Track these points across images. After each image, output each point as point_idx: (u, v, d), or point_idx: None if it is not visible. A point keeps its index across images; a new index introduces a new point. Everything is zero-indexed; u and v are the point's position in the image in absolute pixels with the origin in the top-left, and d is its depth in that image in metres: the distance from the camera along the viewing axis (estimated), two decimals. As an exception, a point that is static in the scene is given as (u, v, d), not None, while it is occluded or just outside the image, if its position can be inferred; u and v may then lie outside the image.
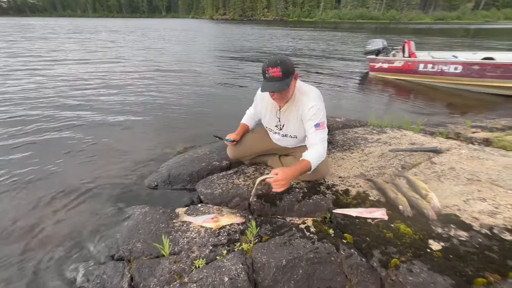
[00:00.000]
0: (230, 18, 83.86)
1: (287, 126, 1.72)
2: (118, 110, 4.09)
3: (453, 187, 1.56)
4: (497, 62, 4.73)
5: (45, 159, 2.65)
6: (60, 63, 7.95)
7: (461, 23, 54.01)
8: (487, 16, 64.09)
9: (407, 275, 1.10)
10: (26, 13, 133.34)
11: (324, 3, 73.84)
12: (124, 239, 1.56)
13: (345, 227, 1.40)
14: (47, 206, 2.01)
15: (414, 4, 68.97)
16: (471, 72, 4.95)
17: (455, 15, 65.04)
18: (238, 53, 10.94)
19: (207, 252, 1.37)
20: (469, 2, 68.76)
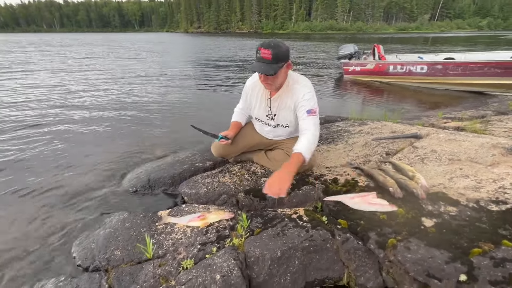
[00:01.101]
0: (205, 31, 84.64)
1: (278, 115, 1.68)
2: (92, 118, 3.90)
3: (437, 168, 1.59)
4: (457, 61, 5.13)
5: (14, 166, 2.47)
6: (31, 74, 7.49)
7: (420, 32, 58.79)
8: (442, 26, 70.54)
9: (405, 253, 1.07)
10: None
11: (296, 16, 77.09)
12: (100, 248, 1.40)
13: (337, 213, 1.36)
14: (11, 218, 1.79)
15: (378, 16, 74.19)
16: (436, 71, 5.31)
17: (414, 25, 70.82)
18: (214, 62, 10.97)
19: (195, 251, 1.26)
20: (425, 14, 75.30)
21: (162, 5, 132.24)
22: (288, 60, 1.47)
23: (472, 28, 70.46)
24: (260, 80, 1.54)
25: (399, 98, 5.12)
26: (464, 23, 72.92)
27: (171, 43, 26.45)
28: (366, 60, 6.45)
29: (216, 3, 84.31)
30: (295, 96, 1.55)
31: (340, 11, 72.88)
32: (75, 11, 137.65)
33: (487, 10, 76.65)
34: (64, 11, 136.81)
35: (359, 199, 1.39)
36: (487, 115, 3.15)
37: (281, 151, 1.80)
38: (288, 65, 1.50)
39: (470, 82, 5.00)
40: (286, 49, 1.44)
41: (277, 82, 1.51)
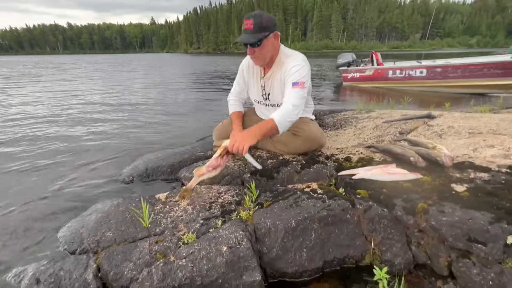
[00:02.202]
0: (204, 51, 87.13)
1: (273, 94, 1.59)
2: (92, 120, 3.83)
3: (457, 141, 1.48)
4: (457, 63, 5.16)
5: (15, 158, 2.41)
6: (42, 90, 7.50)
7: (412, 50, 60.75)
8: (433, 44, 73.15)
9: (440, 216, 0.93)
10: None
11: (292, 36, 79.86)
12: (90, 231, 1.25)
13: (355, 185, 1.23)
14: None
15: (371, 35, 77.00)
16: (435, 74, 5.33)
17: (407, 44, 73.41)
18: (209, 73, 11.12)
19: (197, 226, 1.11)
20: (417, 33, 78.30)
21: (162, 27, 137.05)
22: (274, 30, 1.41)
23: (462, 46, 72.97)
24: (248, 54, 1.47)
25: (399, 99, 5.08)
26: (454, 41, 75.66)
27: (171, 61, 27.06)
28: (365, 67, 6.51)
29: (215, 25, 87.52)
30: (284, 69, 1.46)
31: (334, 31, 75.65)
32: (78, 34, 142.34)
33: (475, 29, 79.87)
34: (68, 34, 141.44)
35: (378, 170, 1.26)
36: (494, 110, 3.08)
37: (287, 132, 1.68)
38: (276, 36, 1.44)
39: (470, 84, 5.00)
40: (269, 19, 1.39)
41: (264, 54, 1.43)
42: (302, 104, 1.44)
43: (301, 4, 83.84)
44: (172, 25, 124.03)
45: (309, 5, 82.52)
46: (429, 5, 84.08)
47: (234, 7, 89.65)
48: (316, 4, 78.79)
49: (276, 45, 1.48)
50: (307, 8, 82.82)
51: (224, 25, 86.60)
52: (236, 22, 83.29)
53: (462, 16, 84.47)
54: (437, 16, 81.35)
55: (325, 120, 2.34)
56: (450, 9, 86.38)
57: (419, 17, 79.45)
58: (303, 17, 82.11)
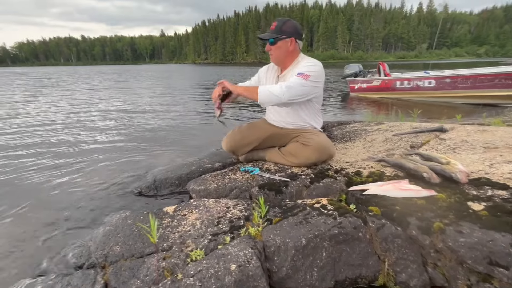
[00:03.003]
0: (211, 62, 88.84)
1: None
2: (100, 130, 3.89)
3: (472, 156, 1.44)
4: (466, 73, 5.10)
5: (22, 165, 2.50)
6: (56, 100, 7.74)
7: (419, 60, 60.56)
8: (441, 54, 72.78)
9: (458, 237, 0.90)
10: (7, 63, 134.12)
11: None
12: (98, 245, 1.24)
13: (366, 201, 1.19)
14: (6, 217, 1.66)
15: (377, 46, 77.29)
16: (444, 85, 5.27)
17: (413, 54, 73.27)
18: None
19: (206, 242, 1.09)
20: (423, 43, 78.21)
21: (172, 39, 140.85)
22: (292, 36, 1.54)
23: (471, 55, 72.39)
24: (265, 49, 1.63)
25: (408, 110, 5.02)
26: (462, 51, 75.14)
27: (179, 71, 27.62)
28: (372, 77, 6.50)
29: (223, 37, 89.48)
30: (298, 68, 1.57)
31: (340, 42, 76.28)
32: (91, 46, 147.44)
33: (483, 38, 79.32)
34: (82, 46, 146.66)
35: (390, 186, 1.23)
36: (508, 122, 3.01)
37: (296, 143, 1.68)
38: (292, 41, 1.56)
39: (481, 95, 4.92)
40: (292, 26, 1.55)
41: (277, 53, 1.59)
42: (296, 89, 1.48)
43: (307, 16, 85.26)
44: (181, 37, 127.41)
45: (315, 17, 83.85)
46: (435, 15, 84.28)
47: (241, 19, 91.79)
48: (321, 16, 79.97)
49: (291, 49, 1.59)
50: (313, 20, 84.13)
51: (231, 36, 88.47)
52: (243, 34, 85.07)
53: (469, 26, 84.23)
54: (444, 26, 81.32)
55: (333, 132, 2.32)
56: (457, 19, 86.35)
57: (425, 27, 79.57)
58: (309, 29, 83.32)
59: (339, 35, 75.78)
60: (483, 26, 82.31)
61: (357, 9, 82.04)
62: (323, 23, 77.43)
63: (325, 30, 76.90)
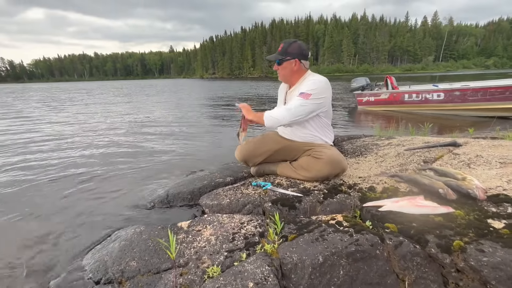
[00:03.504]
0: (219, 76, 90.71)
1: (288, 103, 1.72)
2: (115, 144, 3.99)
3: (488, 171, 1.42)
4: (476, 86, 5.07)
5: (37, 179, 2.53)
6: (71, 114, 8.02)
7: (426, 72, 60.44)
8: (448, 66, 72.49)
9: (480, 256, 0.88)
10: (24, 79, 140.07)
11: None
12: (114, 260, 1.26)
13: (382, 218, 1.19)
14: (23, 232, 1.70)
15: (383, 59, 77.76)
16: (454, 98, 5.24)
17: (420, 66, 73.27)
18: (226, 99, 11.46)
19: (222, 259, 1.10)
20: (430, 55, 78.32)
21: (180, 55, 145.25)
22: (297, 57, 1.63)
23: (478, 67, 71.87)
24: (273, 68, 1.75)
25: (418, 124, 4.99)
26: (470, 63, 74.72)
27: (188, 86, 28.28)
28: (380, 90, 6.52)
29: (230, 52, 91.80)
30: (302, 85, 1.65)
31: (346, 55, 77.14)
32: (103, 62, 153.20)
33: (491, 50, 78.96)
34: (94, 63, 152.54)
35: (405, 202, 1.22)
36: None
37: (308, 157, 1.69)
38: (296, 62, 1.64)
39: (492, 107, 4.86)
40: (297, 48, 1.63)
41: (283, 73, 1.69)
42: (296, 110, 1.57)
43: (312, 31, 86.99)
44: (189, 53, 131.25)
45: (320, 31, 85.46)
46: (441, 28, 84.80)
47: (247, 35, 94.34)
48: (327, 31, 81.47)
49: (295, 69, 1.67)
50: (318, 35, 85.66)
51: (238, 51, 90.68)
52: (249, 49, 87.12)
53: (475, 38, 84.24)
54: (450, 39, 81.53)
55: (344, 147, 2.33)
56: (463, 31, 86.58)
57: (430, 40, 79.93)
58: (315, 43, 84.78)
59: (345, 49, 76.74)
60: (490, 38, 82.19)
61: (361, 24, 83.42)
62: (328, 38, 78.75)
63: (330, 44, 78.08)
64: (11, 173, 2.85)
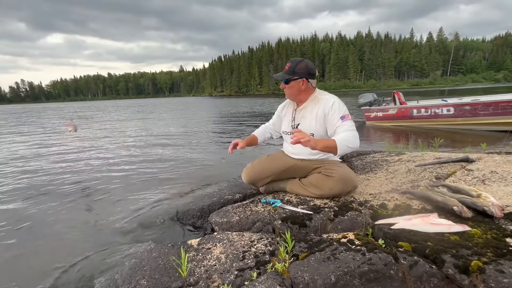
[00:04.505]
0: (227, 94, 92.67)
1: (302, 123, 1.72)
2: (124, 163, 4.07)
3: (504, 188, 1.38)
4: (487, 100, 5.01)
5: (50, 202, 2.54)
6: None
7: (434, 87, 60.13)
8: (456, 81, 71.97)
9: (499, 277, 0.85)
10: (41, 99, 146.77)
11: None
12: (125, 278, 1.26)
13: (395, 236, 1.16)
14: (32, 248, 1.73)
15: (390, 74, 78.09)
16: (464, 112, 5.18)
17: (428, 81, 73.03)
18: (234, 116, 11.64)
19: (232, 278, 1.09)
20: (437, 70, 78.21)
21: (190, 74, 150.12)
22: (304, 77, 1.63)
23: (488, 81, 71.05)
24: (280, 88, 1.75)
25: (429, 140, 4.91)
26: (479, 77, 74.02)
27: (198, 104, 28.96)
28: (388, 106, 6.51)
29: (238, 70, 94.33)
30: (323, 104, 1.63)
31: (352, 71, 77.98)
32: (116, 82, 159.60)
33: (500, 64, 78.32)
34: (108, 83, 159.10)
35: (419, 220, 1.20)
36: (537, 149, 2.87)
37: (318, 174, 1.69)
38: (303, 81, 1.65)
39: (504, 121, 4.77)
40: (305, 67, 1.63)
41: (290, 92, 1.69)
42: (356, 132, 1.53)
43: (318, 49, 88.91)
44: (199, 72, 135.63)
45: (326, 49, 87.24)
46: (447, 44, 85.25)
47: (254, 54, 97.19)
48: (332, 48, 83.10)
49: (303, 88, 1.68)
50: (323, 52, 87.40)
51: (246, 70, 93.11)
52: (256, 67, 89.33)
53: (483, 52, 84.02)
54: (457, 53, 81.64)
55: (353, 163, 2.32)
56: (469, 46, 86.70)
57: (437, 55, 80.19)
58: (320, 60, 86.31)
59: (351, 65, 77.70)
60: (497, 52, 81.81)
61: (367, 41, 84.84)
62: (334, 55, 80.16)
63: (336, 61, 79.33)
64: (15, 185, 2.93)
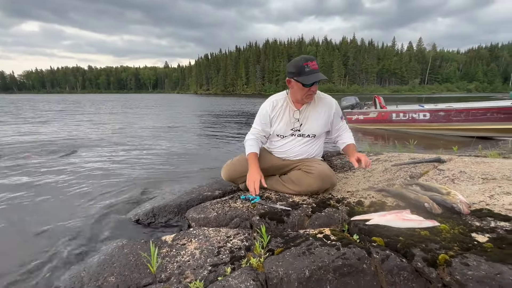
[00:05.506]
0: (213, 93, 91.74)
1: (305, 124, 1.69)
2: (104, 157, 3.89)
3: (471, 187, 1.45)
4: (460, 107, 5.29)
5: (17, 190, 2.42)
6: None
7: (413, 93, 62.97)
8: (433, 89, 75.86)
9: (464, 270, 0.88)
10: (13, 90, 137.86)
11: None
12: (92, 275, 1.19)
13: (369, 231, 1.18)
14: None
15: (372, 80, 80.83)
16: (439, 118, 5.44)
17: (407, 88, 76.37)
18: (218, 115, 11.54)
19: (205, 273, 1.06)
20: (415, 78, 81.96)
21: (175, 70, 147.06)
22: None
23: (461, 90, 75.47)
24: (306, 93, 1.56)
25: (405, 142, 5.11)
26: (453, 86, 78.47)
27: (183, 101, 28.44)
28: (369, 109, 6.71)
29: (224, 69, 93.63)
30: (327, 105, 1.69)
31: (336, 76, 79.86)
32: (97, 75, 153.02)
33: (472, 75, 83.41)
34: (88, 75, 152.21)
35: (392, 216, 1.23)
36: (504, 153, 3.06)
37: (298, 171, 1.69)
38: None
39: (474, 128, 5.06)
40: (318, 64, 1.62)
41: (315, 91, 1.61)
42: None
43: (305, 52, 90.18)
44: (184, 69, 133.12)
45: (312, 53, 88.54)
46: (425, 53, 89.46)
47: (242, 53, 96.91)
48: (318, 52, 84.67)
49: None
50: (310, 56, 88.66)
51: (232, 69, 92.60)
52: (243, 67, 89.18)
53: (457, 63, 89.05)
54: (434, 63, 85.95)
55: (333, 162, 2.35)
56: (445, 57, 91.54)
57: (416, 64, 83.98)
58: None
59: (335, 70, 79.55)
60: (470, 64, 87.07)
61: (351, 46, 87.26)
62: (320, 59, 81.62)
63: (322, 64, 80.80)
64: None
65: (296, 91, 1.58)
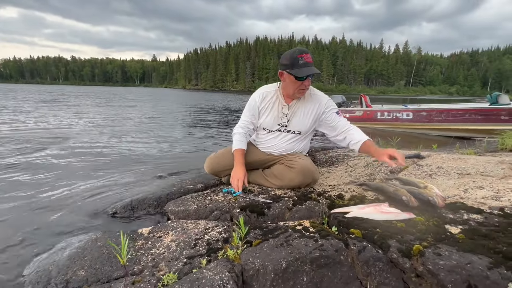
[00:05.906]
0: (201, 88, 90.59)
1: (292, 120, 1.65)
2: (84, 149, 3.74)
3: (447, 181, 1.49)
4: (440, 108, 5.47)
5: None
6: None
7: (398, 95, 64.78)
8: (417, 91, 78.35)
9: (437, 260, 0.89)
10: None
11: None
12: (60, 269, 1.14)
13: (348, 224, 1.18)
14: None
15: (359, 80, 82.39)
16: (421, 117, 5.60)
17: (393, 89, 78.47)
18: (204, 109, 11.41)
19: (180, 265, 1.02)
20: (401, 80, 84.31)
21: (163, 64, 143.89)
22: None
23: (443, 93, 78.38)
24: (299, 87, 1.51)
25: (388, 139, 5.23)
26: (436, 89, 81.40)
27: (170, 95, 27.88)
28: (355, 108, 6.82)
29: (214, 65, 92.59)
30: (317, 102, 1.62)
31: (325, 75, 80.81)
32: (81, 67, 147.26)
33: (453, 79, 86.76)
34: (71, 66, 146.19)
35: (371, 209, 1.24)
36: (479, 152, 3.18)
37: (281, 165, 1.68)
38: None
39: (453, 128, 5.24)
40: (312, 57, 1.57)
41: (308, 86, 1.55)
42: None
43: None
44: (173, 63, 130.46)
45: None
46: (411, 56, 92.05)
47: (232, 49, 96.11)
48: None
49: None
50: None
51: (222, 65, 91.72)
52: (233, 63, 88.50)
53: (440, 67, 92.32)
54: (418, 66, 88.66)
55: (317, 157, 2.36)
56: (429, 61, 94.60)
57: (402, 66, 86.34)
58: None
59: (324, 69, 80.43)
60: (452, 68, 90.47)
61: (340, 46, 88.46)
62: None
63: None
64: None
65: (288, 84, 1.53)
